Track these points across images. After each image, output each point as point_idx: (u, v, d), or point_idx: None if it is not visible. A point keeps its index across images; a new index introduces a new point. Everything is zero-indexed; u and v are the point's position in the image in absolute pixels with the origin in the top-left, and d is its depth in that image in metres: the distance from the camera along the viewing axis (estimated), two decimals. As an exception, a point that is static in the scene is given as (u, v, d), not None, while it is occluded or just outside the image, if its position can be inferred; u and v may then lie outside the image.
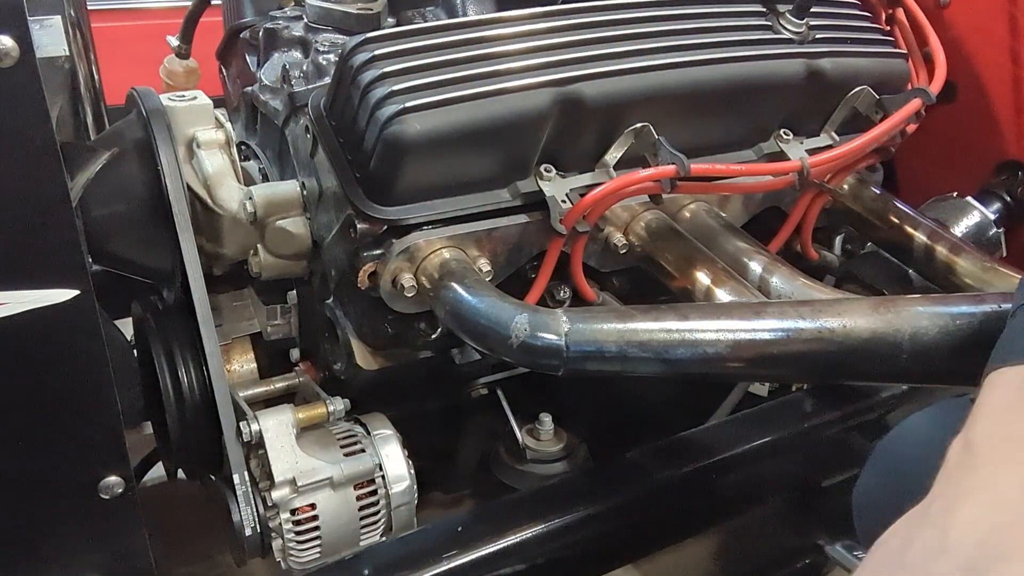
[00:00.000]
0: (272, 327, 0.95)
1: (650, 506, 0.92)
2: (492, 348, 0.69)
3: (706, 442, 0.99)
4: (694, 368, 0.68)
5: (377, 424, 0.85)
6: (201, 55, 1.35)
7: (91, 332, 0.60)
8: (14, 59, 0.50)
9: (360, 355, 0.85)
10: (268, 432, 0.78)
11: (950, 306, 0.67)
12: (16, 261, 0.56)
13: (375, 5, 0.91)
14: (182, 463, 0.88)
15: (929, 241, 0.90)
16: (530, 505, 0.89)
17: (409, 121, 0.71)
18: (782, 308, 0.71)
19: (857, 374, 0.72)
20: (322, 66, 0.87)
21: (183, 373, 0.82)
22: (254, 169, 0.94)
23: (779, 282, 0.81)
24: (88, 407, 0.62)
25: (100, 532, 0.67)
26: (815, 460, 1.03)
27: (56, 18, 0.97)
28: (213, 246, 0.86)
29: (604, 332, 0.66)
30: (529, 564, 0.84)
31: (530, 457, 1.02)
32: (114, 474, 0.65)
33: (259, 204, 0.84)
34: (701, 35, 0.82)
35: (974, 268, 0.86)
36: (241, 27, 1.04)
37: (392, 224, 0.76)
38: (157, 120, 0.80)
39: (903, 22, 0.98)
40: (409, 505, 0.83)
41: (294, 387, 0.91)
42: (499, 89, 0.74)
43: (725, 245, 0.85)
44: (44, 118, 0.53)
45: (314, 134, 0.80)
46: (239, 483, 0.77)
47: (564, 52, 0.77)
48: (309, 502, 0.79)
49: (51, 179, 0.54)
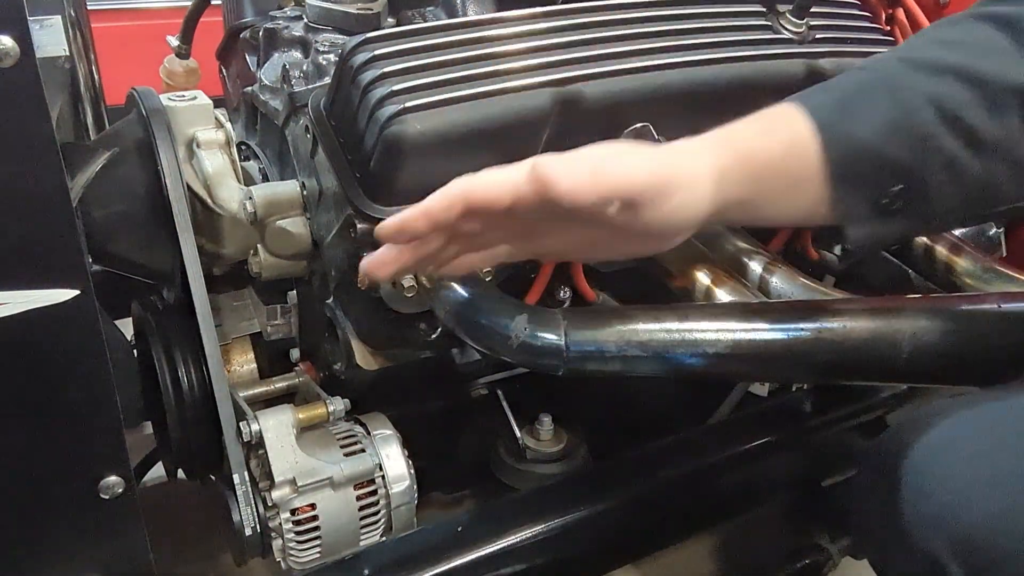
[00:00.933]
0: (272, 327, 0.95)
1: (650, 506, 0.92)
2: (492, 348, 0.69)
3: (706, 442, 0.99)
4: (694, 368, 0.68)
5: (377, 424, 0.85)
6: (201, 55, 1.36)
7: (91, 332, 0.60)
8: (14, 59, 0.50)
9: (360, 355, 0.85)
10: (268, 432, 0.78)
11: (950, 306, 0.67)
12: (16, 261, 0.56)
13: (375, 5, 0.91)
14: (182, 463, 0.88)
15: (929, 241, 0.90)
16: (530, 505, 0.89)
17: (409, 121, 0.71)
18: (782, 308, 0.71)
19: (857, 374, 0.72)
20: (322, 66, 0.87)
21: (183, 373, 0.82)
22: (254, 169, 0.94)
23: (779, 282, 0.81)
24: (88, 407, 0.62)
25: (100, 532, 0.67)
26: (815, 460, 1.03)
27: (56, 18, 0.97)
28: (213, 246, 0.86)
29: (604, 332, 0.66)
30: (529, 564, 0.84)
31: (530, 457, 1.02)
32: (114, 474, 0.65)
33: (259, 204, 0.84)
34: (701, 35, 0.82)
35: (974, 268, 0.86)
36: (241, 27, 1.04)
37: (392, 224, 0.76)
38: (157, 120, 0.80)
39: (903, 22, 0.98)
40: (409, 505, 0.83)
41: (294, 387, 0.91)
42: (499, 89, 0.74)
43: (725, 245, 0.85)
44: (44, 118, 0.53)
45: (314, 134, 0.80)
46: (239, 483, 0.77)
47: (564, 52, 0.77)
48: (309, 502, 0.79)
49: (51, 179, 0.54)
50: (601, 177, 0.56)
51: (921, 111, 0.60)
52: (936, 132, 0.60)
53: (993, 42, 0.61)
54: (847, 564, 1.05)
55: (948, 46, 0.63)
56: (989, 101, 0.60)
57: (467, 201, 0.57)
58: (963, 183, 0.62)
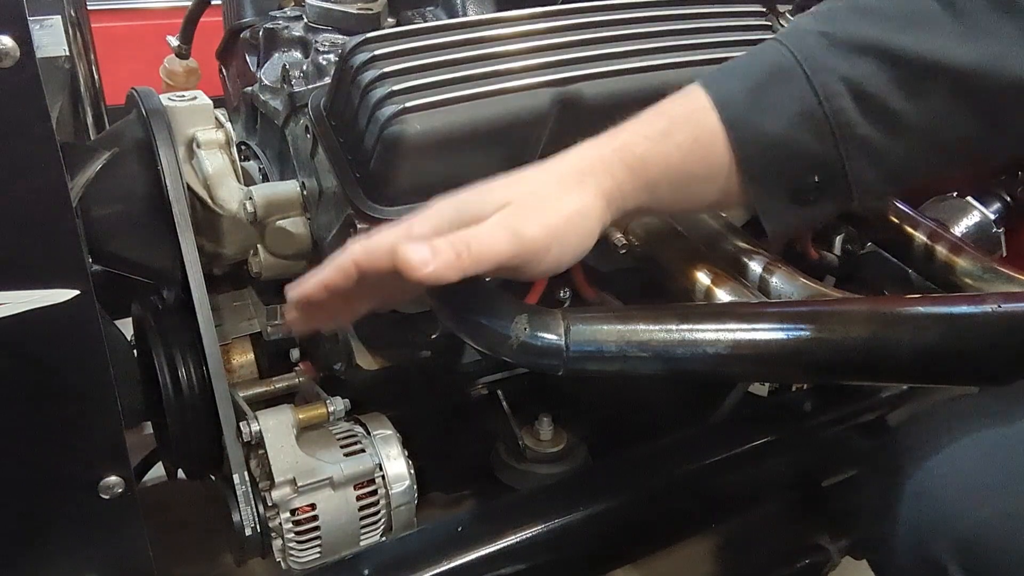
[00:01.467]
0: (272, 327, 0.95)
1: (650, 506, 0.92)
2: (492, 348, 0.69)
3: (706, 442, 0.99)
4: (694, 368, 0.68)
5: (377, 424, 0.85)
6: (201, 55, 1.36)
7: (91, 332, 0.60)
8: (14, 59, 0.50)
9: (360, 355, 0.86)
10: (268, 432, 0.78)
11: (950, 306, 0.67)
12: (16, 261, 0.56)
13: (375, 5, 0.91)
14: (182, 463, 0.88)
15: (929, 241, 0.90)
16: (530, 505, 0.89)
17: (409, 121, 0.71)
18: (782, 308, 0.71)
19: (857, 374, 0.72)
20: (322, 66, 0.87)
21: (183, 373, 0.82)
22: (254, 169, 0.94)
23: (779, 282, 0.81)
24: (88, 407, 0.62)
25: (100, 532, 0.67)
26: (815, 460, 1.03)
27: (56, 18, 0.97)
28: (213, 246, 0.86)
29: (604, 332, 0.66)
30: (529, 564, 0.84)
31: (530, 457, 1.02)
32: (114, 474, 0.65)
33: (259, 204, 0.84)
34: (701, 35, 0.82)
35: (974, 268, 0.86)
36: (241, 27, 1.04)
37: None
38: (157, 120, 0.80)
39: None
40: (409, 505, 0.83)
41: (294, 387, 0.91)
42: (499, 89, 0.74)
43: (725, 245, 0.85)
44: (44, 118, 0.53)
45: (314, 134, 0.80)
46: (239, 483, 0.77)
47: (564, 52, 0.77)
48: (309, 502, 0.79)
49: (51, 179, 0.54)
50: (466, 260, 0.56)
51: (838, 97, 0.58)
52: (854, 120, 0.58)
53: (921, 9, 0.58)
54: (847, 564, 1.05)
55: (872, 15, 0.59)
56: (912, 82, 0.57)
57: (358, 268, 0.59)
58: (884, 165, 0.60)
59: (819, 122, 0.59)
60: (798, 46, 0.60)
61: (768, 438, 0.98)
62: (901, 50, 0.57)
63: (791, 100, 0.59)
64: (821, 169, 0.60)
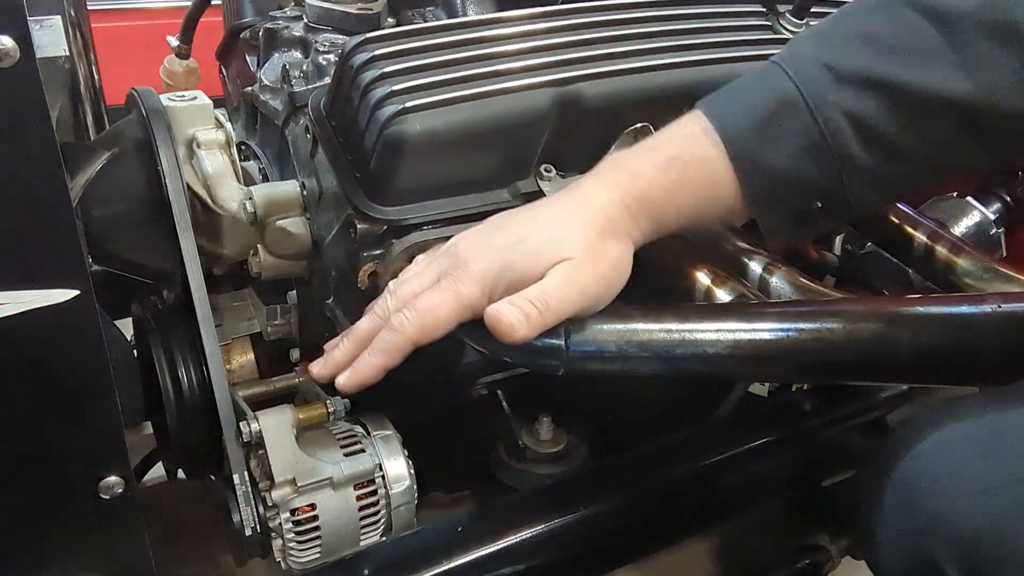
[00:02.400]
0: (272, 327, 0.95)
1: (650, 506, 0.92)
2: (492, 348, 0.69)
3: (706, 442, 0.99)
4: (694, 368, 0.68)
5: (377, 424, 0.85)
6: (201, 55, 1.36)
7: (91, 332, 0.60)
8: (14, 59, 0.50)
9: (360, 355, 0.85)
10: (268, 432, 0.78)
11: (950, 306, 0.67)
12: (16, 261, 0.56)
13: (375, 5, 0.91)
14: (182, 463, 0.88)
15: (929, 241, 0.90)
16: (530, 505, 0.89)
17: (409, 121, 0.71)
18: (782, 308, 0.71)
19: (857, 374, 0.72)
20: (322, 66, 0.87)
21: (183, 373, 0.82)
22: (254, 169, 0.94)
23: (779, 282, 0.81)
24: (88, 407, 0.62)
25: (100, 532, 0.67)
26: (815, 460, 1.03)
27: (56, 18, 0.97)
28: (213, 246, 0.86)
29: (604, 332, 0.66)
30: (529, 564, 0.84)
31: (530, 457, 1.02)
32: (114, 474, 0.65)
33: (259, 204, 0.84)
34: (701, 35, 0.82)
35: (974, 268, 0.86)
36: (241, 27, 1.04)
37: (392, 224, 0.76)
38: (157, 120, 0.80)
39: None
40: (409, 505, 0.83)
41: (294, 387, 0.91)
42: (499, 89, 0.74)
43: (725, 245, 0.85)
44: (44, 118, 0.53)
45: (314, 134, 0.80)
46: (239, 483, 0.77)
47: (564, 52, 0.77)
48: (309, 502, 0.79)
49: (51, 179, 0.54)
50: (548, 318, 0.62)
51: (841, 132, 0.60)
52: (856, 153, 0.60)
53: (922, 39, 0.59)
54: (847, 564, 1.05)
55: (873, 46, 0.61)
56: (914, 114, 0.59)
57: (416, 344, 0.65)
58: (885, 187, 0.63)
59: (823, 155, 0.61)
60: (802, 78, 0.62)
61: (768, 438, 0.98)
62: (903, 84, 0.59)
63: (795, 135, 0.61)
64: (823, 196, 0.63)
